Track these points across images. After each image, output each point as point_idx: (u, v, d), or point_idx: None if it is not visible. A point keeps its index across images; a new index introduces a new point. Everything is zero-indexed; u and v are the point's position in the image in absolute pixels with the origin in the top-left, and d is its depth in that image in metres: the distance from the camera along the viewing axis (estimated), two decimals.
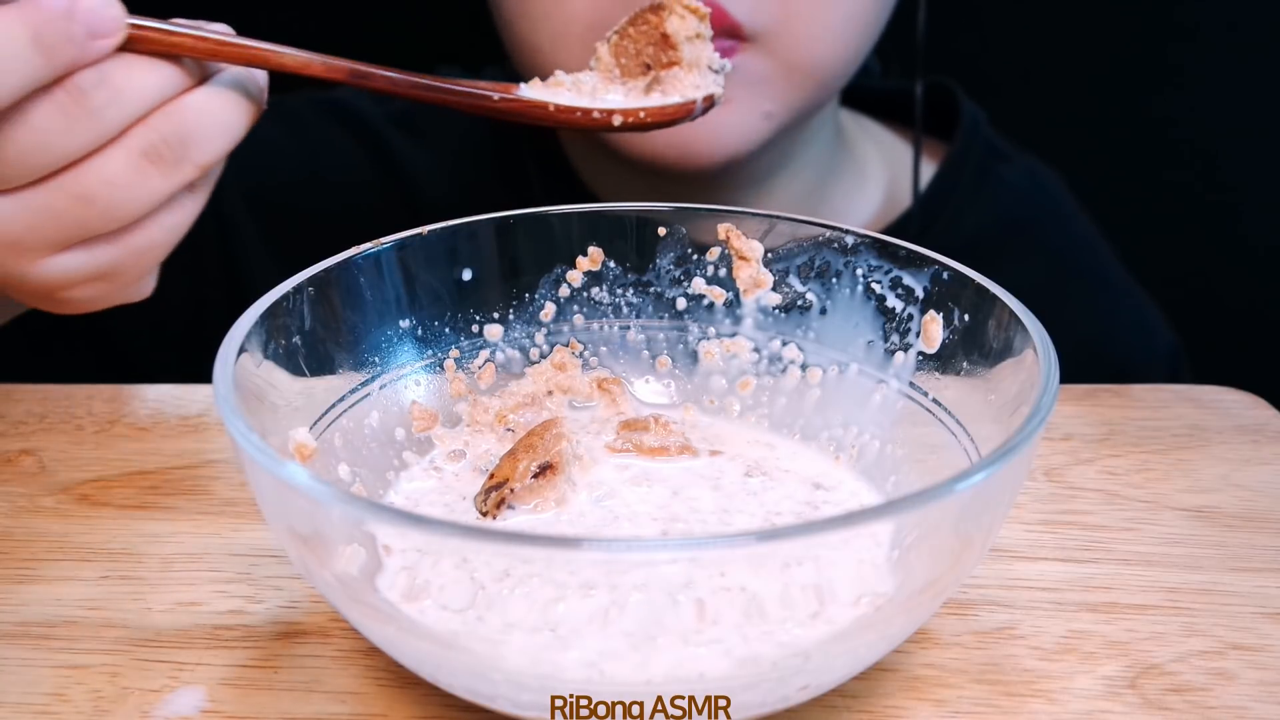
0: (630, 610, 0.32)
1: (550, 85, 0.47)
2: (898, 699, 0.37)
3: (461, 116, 0.57)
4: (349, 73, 0.45)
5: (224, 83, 0.44)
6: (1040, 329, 0.37)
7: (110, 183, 0.43)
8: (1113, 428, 0.53)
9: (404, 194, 0.78)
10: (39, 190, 0.43)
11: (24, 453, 0.51)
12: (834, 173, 0.77)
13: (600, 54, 0.48)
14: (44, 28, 0.40)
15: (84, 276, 0.45)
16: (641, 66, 0.48)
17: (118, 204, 0.43)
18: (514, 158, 0.78)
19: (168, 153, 0.43)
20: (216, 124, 0.44)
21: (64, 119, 0.41)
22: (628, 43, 0.48)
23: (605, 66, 0.48)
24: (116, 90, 0.42)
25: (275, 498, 0.33)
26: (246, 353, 0.37)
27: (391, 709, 0.37)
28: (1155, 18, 1.04)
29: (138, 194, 0.43)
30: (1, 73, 0.39)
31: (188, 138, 0.43)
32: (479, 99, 0.46)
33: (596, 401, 0.48)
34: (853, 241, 0.45)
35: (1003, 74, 1.01)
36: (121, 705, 0.37)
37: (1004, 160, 0.79)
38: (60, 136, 0.42)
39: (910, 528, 0.33)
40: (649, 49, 0.48)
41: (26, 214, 0.43)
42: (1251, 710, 0.36)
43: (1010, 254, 0.75)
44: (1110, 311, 0.79)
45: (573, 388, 0.48)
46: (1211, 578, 0.43)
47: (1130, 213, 0.95)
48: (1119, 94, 1.06)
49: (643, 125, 0.48)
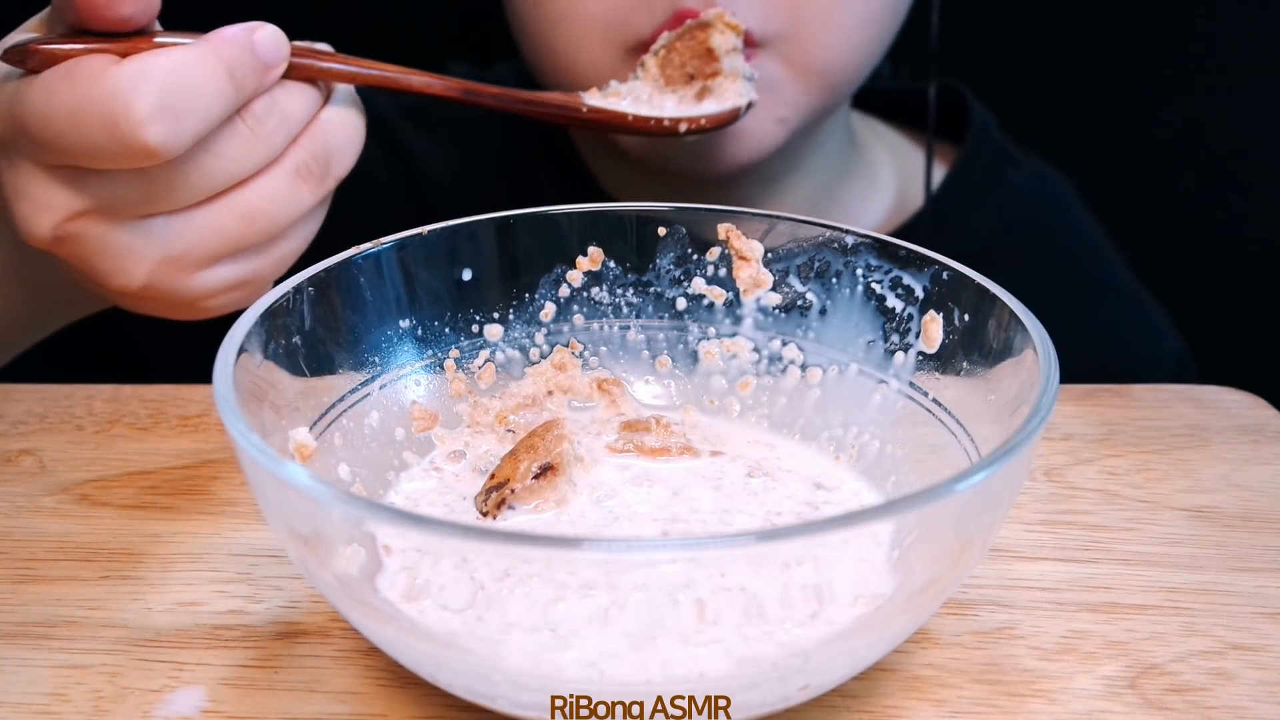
0: (630, 610, 0.32)
1: (609, 95, 0.54)
2: (898, 699, 0.37)
3: (472, 113, 0.57)
4: (462, 90, 0.50)
5: (344, 100, 0.48)
6: (1040, 329, 0.37)
7: (271, 200, 0.46)
8: (1113, 428, 0.53)
9: (417, 187, 0.79)
10: (207, 209, 0.45)
11: (24, 453, 0.51)
12: (845, 175, 0.77)
13: (648, 65, 0.55)
14: (235, 61, 0.43)
15: (230, 286, 0.47)
16: (685, 76, 0.55)
17: (274, 220, 0.46)
18: (523, 156, 0.79)
19: (316, 169, 0.47)
20: (349, 139, 0.48)
21: (242, 144, 0.44)
22: (674, 55, 0.56)
23: (651, 76, 0.55)
24: (284, 115, 0.45)
25: (275, 498, 0.33)
26: (246, 353, 0.37)
27: (391, 709, 0.37)
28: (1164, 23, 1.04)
29: (290, 209, 0.46)
30: (206, 106, 0.42)
31: (330, 154, 0.47)
32: (571, 111, 0.53)
33: (596, 402, 0.48)
34: (852, 241, 0.45)
35: (1011, 78, 1.01)
36: (121, 705, 0.37)
37: (1013, 164, 0.79)
38: (236, 161, 0.44)
39: (910, 528, 0.33)
40: (694, 61, 0.56)
41: (193, 231, 0.45)
42: (1251, 710, 0.37)
43: (1018, 258, 0.75)
44: (1117, 316, 0.79)
45: (573, 388, 0.48)
46: (1211, 578, 0.43)
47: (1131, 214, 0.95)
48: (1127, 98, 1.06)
49: (702, 129, 0.55)
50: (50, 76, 0.42)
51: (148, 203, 0.44)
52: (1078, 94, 1.05)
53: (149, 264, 0.45)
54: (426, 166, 0.79)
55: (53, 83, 0.42)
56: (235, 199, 0.45)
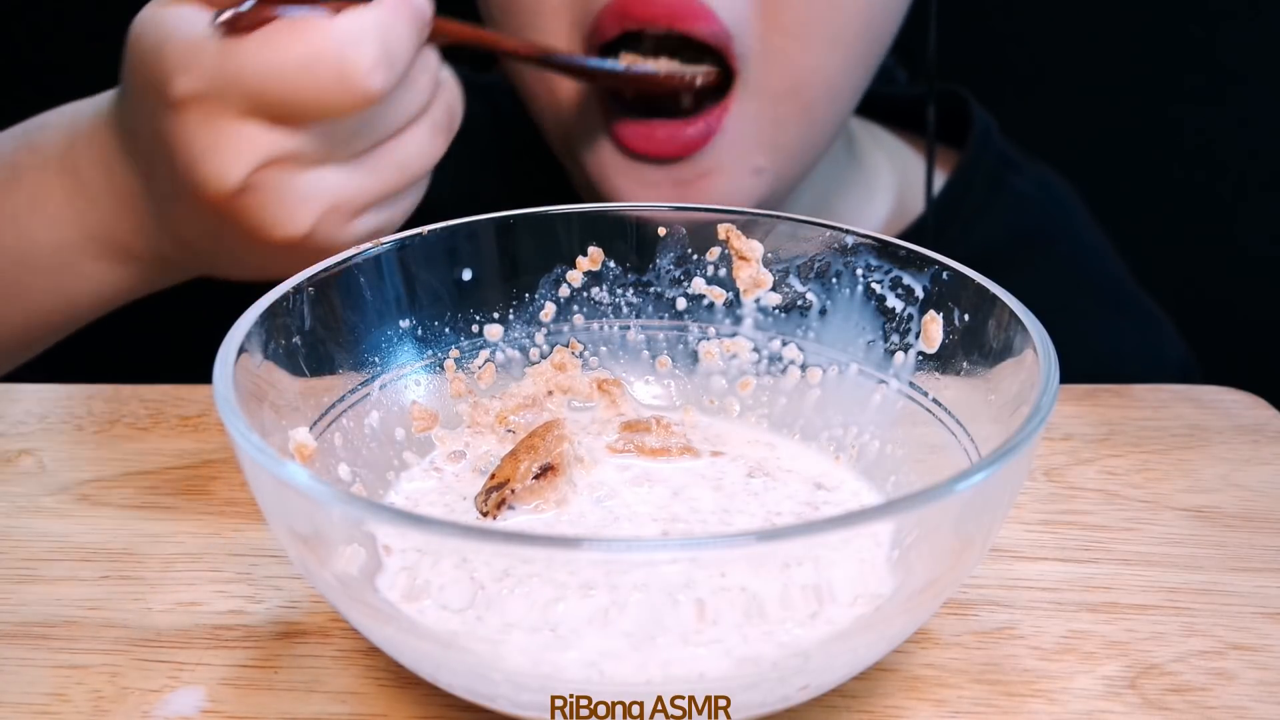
0: (630, 610, 0.32)
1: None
2: (898, 699, 0.37)
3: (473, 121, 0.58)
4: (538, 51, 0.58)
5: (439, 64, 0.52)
6: (1040, 329, 0.37)
7: (419, 150, 0.50)
8: (1113, 428, 0.53)
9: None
10: (371, 157, 0.49)
11: (24, 453, 0.51)
12: (844, 184, 0.76)
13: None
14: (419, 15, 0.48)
15: (371, 233, 0.50)
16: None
17: (419, 169, 0.50)
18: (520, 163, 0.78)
19: (446, 123, 0.51)
20: (459, 97, 0.52)
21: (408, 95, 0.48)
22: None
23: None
24: (430, 71, 0.49)
25: (275, 498, 0.33)
26: (246, 353, 0.37)
27: (391, 709, 0.37)
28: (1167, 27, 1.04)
29: (429, 160, 0.51)
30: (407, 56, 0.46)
31: (454, 109, 0.52)
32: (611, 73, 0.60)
33: (596, 402, 0.48)
34: (852, 242, 0.45)
35: (1015, 82, 1.01)
36: (121, 705, 0.37)
37: (1016, 170, 0.79)
38: (403, 111, 0.48)
39: (910, 528, 0.33)
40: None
41: (360, 178, 0.49)
42: (1251, 710, 0.37)
43: (1021, 264, 0.74)
44: (1121, 323, 0.79)
45: (573, 388, 0.48)
46: (1211, 578, 0.43)
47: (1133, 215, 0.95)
48: (1129, 103, 1.06)
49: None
50: (273, 33, 0.45)
51: (330, 150, 0.47)
52: (1081, 98, 1.05)
53: (317, 211, 0.48)
54: None
55: (278, 38, 0.45)
56: (390, 148, 0.49)
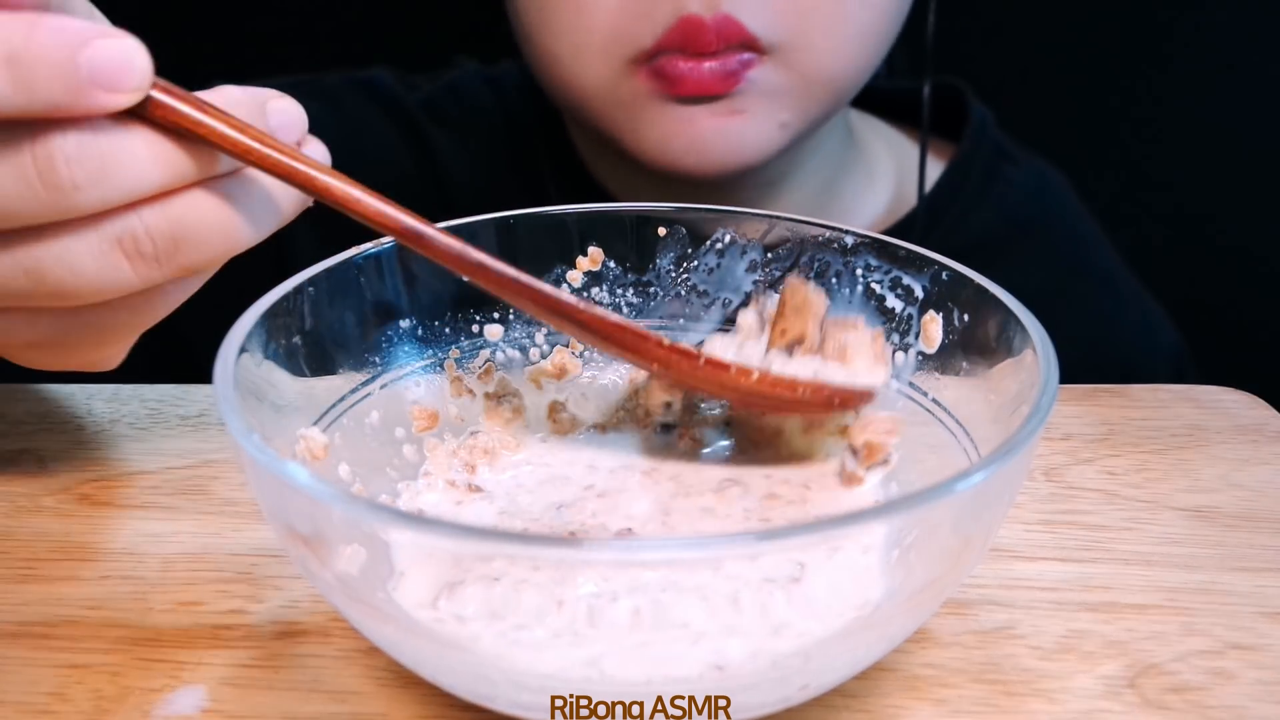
0: (630, 610, 0.32)
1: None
2: (898, 699, 0.37)
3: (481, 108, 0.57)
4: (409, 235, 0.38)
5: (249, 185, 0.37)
6: (1040, 329, 0.37)
7: (70, 267, 0.35)
8: (1112, 428, 0.53)
9: (436, 179, 0.79)
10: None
11: (24, 453, 0.51)
12: (844, 172, 0.77)
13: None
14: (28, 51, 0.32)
15: (28, 342, 0.39)
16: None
17: (73, 288, 0.36)
18: (529, 154, 0.79)
19: (150, 249, 0.36)
20: (222, 231, 0.36)
21: (21, 183, 0.33)
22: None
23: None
24: (99, 171, 0.34)
25: (275, 498, 0.33)
26: (246, 353, 0.37)
27: (391, 709, 0.37)
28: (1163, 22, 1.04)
29: (99, 282, 0.36)
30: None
31: (181, 239, 0.36)
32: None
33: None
34: (852, 242, 0.45)
35: (1011, 75, 1.01)
36: (122, 705, 0.37)
37: (1011, 161, 0.80)
38: (12, 201, 0.34)
39: (910, 528, 0.33)
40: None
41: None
42: (1251, 710, 0.37)
43: (1016, 255, 0.75)
44: (1115, 312, 0.79)
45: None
46: (1211, 577, 0.43)
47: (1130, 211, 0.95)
48: (1126, 96, 1.06)
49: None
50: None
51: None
52: (1077, 91, 1.06)
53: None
54: (443, 158, 0.80)
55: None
56: (20, 249, 0.35)
